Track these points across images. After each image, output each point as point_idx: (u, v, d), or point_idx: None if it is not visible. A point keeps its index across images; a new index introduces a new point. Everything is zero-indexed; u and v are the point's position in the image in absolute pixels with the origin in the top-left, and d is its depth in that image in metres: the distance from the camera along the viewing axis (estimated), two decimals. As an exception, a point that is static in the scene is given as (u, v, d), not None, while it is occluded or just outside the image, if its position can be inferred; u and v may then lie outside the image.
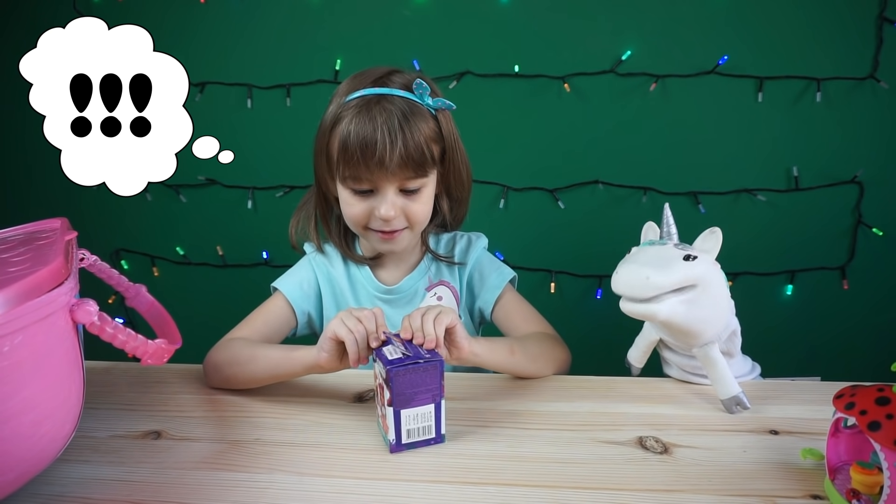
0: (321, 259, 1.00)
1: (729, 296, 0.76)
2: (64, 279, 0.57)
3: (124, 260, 1.82)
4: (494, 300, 0.97)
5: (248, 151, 1.69)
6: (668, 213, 0.78)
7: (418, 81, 0.85)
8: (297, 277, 0.99)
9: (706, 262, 0.72)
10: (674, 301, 0.70)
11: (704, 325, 0.73)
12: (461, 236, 1.02)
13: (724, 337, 0.77)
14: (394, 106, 0.83)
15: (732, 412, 0.75)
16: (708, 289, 0.71)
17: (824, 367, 1.62)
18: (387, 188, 0.85)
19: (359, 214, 0.88)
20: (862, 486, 0.56)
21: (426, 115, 0.86)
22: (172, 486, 0.63)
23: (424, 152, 0.84)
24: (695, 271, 0.70)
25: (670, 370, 0.85)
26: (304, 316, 0.98)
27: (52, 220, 0.78)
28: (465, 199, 0.99)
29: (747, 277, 1.57)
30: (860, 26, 1.46)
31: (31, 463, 0.57)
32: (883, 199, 1.53)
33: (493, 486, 0.62)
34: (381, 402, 0.70)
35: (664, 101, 1.55)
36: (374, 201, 0.86)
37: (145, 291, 0.85)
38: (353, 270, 0.99)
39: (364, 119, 0.82)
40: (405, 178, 0.85)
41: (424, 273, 0.99)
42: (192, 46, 1.66)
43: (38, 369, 0.54)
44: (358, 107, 0.84)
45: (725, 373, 0.75)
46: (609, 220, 1.62)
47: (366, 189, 0.86)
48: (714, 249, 0.73)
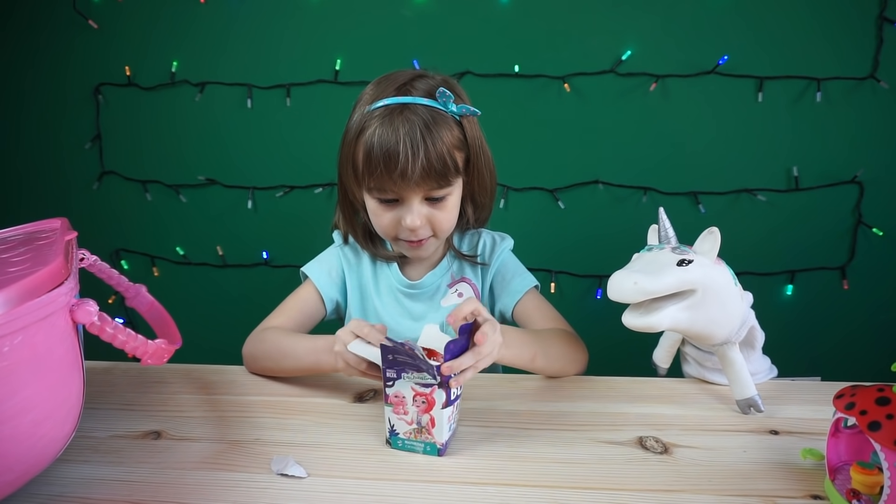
0: (348, 250, 1.02)
1: (739, 291, 0.74)
2: (64, 279, 0.56)
3: (124, 260, 1.82)
4: (514, 304, 0.97)
5: (248, 151, 1.70)
6: (664, 217, 0.77)
7: (441, 90, 0.84)
8: (326, 265, 1.02)
9: (703, 266, 0.70)
10: (672, 310, 0.69)
11: (714, 326, 0.72)
12: (486, 234, 1.02)
13: (743, 334, 0.76)
14: (416, 116, 0.82)
15: (745, 413, 0.75)
16: (710, 291, 0.70)
17: (824, 367, 1.62)
18: (412, 198, 0.85)
19: (387, 225, 0.89)
20: (862, 486, 0.56)
21: (450, 122, 0.85)
22: (172, 486, 0.63)
23: (447, 162, 0.83)
24: (690, 276, 0.68)
25: (689, 367, 0.85)
26: (332, 303, 1.00)
27: (52, 220, 0.78)
28: (490, 203, 0.99)
29: (747, 277, 1.57)
30: (860, 26, 1.46)
31: (31, 463, 0.57)
32: (883, 199, 1.53)
33: (492, 486, 0.62)
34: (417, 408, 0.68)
35: (664, 101, 1.55)
36: (401, 211, 0.87)
37: (145, 291, 0.85)
38: (378, 264, 1.01)
39: (387, 130, 0.82)
40: (429, 188, 0.85)
41: (447, 270, 1.00)
42: (192, 46, 1.66)
43: (38, 369, 0.53)
44: (381, 117, 0.83)
45: (743, 374, 0.75)
46: (609, 220, 1.62)
47: (391, 199, 0.86)
48: (712, 251, 0.71)
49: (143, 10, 1.64)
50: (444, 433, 0.67)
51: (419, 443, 0.69)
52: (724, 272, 0.72)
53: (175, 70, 1.67)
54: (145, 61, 1.68)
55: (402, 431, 0.69)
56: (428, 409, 0.67)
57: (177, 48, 1.67)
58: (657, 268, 0.69)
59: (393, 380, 0.67)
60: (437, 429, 0.67)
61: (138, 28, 1.65)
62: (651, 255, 0.73)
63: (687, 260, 0.69)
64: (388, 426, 0.70)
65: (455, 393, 0.68)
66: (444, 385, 0.66)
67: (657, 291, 0.68)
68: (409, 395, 0.68)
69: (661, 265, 0.69)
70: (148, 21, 1.65)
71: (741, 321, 0.75)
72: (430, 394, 0.67)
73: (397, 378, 0.67)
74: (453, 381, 0.66)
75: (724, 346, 0.75)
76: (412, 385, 0.67)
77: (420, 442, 0.69)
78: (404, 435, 0.69)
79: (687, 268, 0.69)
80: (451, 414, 0.68)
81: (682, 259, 0.69)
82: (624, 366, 0.88)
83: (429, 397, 0.67)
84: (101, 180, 1.77)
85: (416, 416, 0.68)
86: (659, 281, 0.67)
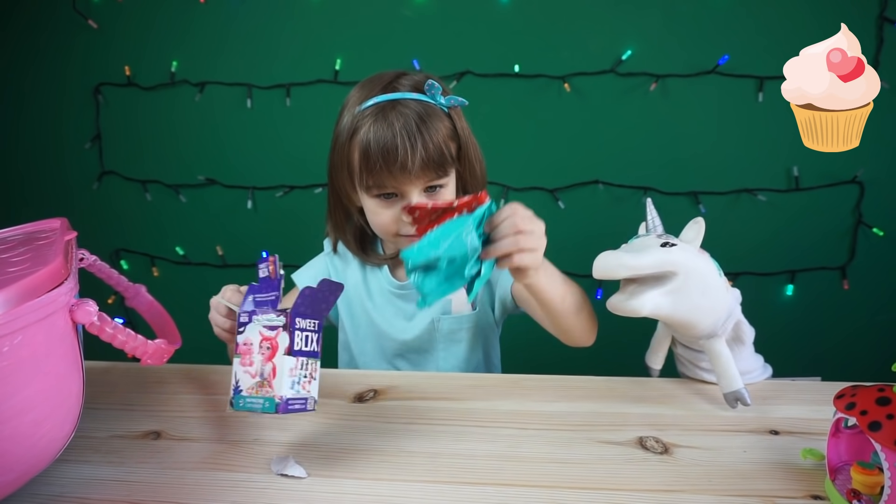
0: (336, 259, 1.04)
1: (725, 285, 0.76)
2: (63, 279, 0.56)
3: (124, 260, 1.82)
4: (511, 284, 0.96)
5: (248, 151, 1.70)
6: (651, 207, 0.80)
7: (430, 82, 0.85)
8: (314, 271, 1.04)
9: (686, 250, 0.72)
10: (654, 294, 0.71)
11: (698, 313, 0.73)
12: None
13: (729, 327, 0.77)
14: (409, 109, 0.84)
15: (733, 407, 0.75)
16: (692, 276, 0.71)
17: (825, 367, 1.62)
18: (412, 191, 0.86)
19: (387, 222, 0.88)
20: (862, 486, 0.56)
21: (440, 114, 0.86)
22: (172, 486, 0.63)
23: (444, 152, 0.84)
24: (671, 257, 0.70)
25: (682, 367, 0.86)
26: None
27: (51, 220, 0.78)
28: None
29: (747, 277, 1.57)
30: (860, 26, 1.46)
31: (31, 463, 0.57)
32: (883, 199, 1.53)
33: (491, 486, 0.62)
34: (262, 355, 0.64)
35: (664, 101, 1.55)
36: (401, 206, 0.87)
37: (145, 291, 0.85)
38: (368, 267, 1.02)
39: (382, 126, 0.83)
40: (428, 179, 0.86)
41: None
42: (192, 46, 1.66)
43: (37, 369, 0.53)
44: (374, 115, 0.84)
45: (730, 367, 0.75)
46: (609, 220, 1.62)
47: (390, 193, 0.87)
48: (696, 239, 0.74)
49: (143, 10, 1.64)
50: (283, 385, 0.62)
51: (259, 399, 0.64)
52: (708, 261, 0.74)
53: (175, 70, 1.67)
54: (145, 61, 1.68)
55: (245, 387, 0.65)
56: (272, 355, 0.63)
57: (176, 48, 1.67)
58: (640, 248, 0.72)
59: (244, 325, 0.65)
60: (276, 379, 0.62)
61: (138, 28, 1.65)
62: (638, 241, 0.76)
63: (670, 243, 0.72)
64: (233, 383, 0.66)
65: (309, 346, 0.64)
66: (290, 328, 0.63)
67: (639, 267, 0.70)
68: (256, 340, 0.64)
69: (645, 246, 0.72)
70: (148, 21, 1.65)
71: (726, 313, 0.76)
72: (275, 337, 0.63)
73: (248, 322, 0.65)
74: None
75: (710, 340, 0.76)
76: (260, 329, 0.64)
77: (260, 398, 0.63)
78: (247, 391, 0.64)
79: (669, 249, 0.71)
80: (295, 366, 0.63)
81: (665, 241, 0.72)
82: (624, 366, 0.88)
83: (273, 341, 0.63)
84: (100, 180, 1.77)
85: (260, 367, 0.64)
86: (641, 258, 0.70)
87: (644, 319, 0.89)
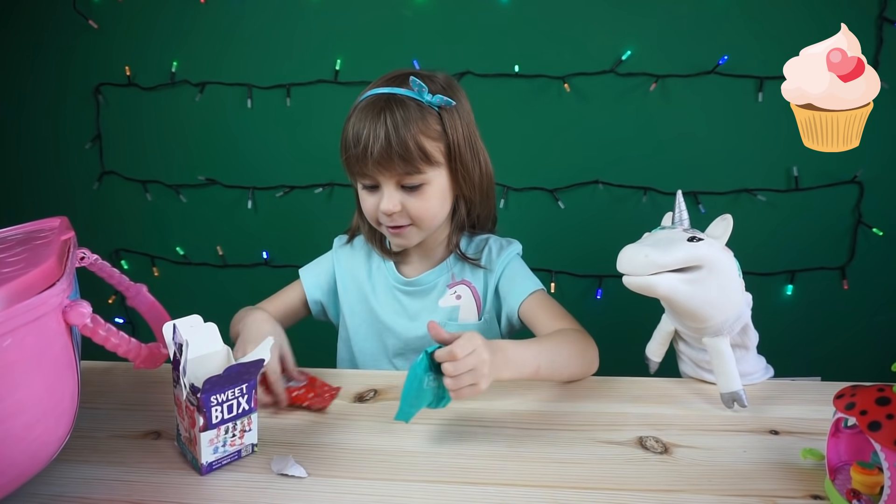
0: (344, 252, 1.05)
1: (742, 287, 0.76)
2: (56, 280, 0.55)
3: (124, 260, 1.82)
4: (519, 304, 0.95)
5: (248, 151, 1.69)
6: (681, 199, 0.81)
7: (412, 79, 0.88)
8: (318, 269, 1.06)
9: (713, 246, 0.72)
10: (674, 278, 0.71)
11: (711, 307, 0.73)
12: (494, 241, 1.02)
13: (736, 329, 0.77)
14: (388, 103, 0.86)
15: (729, 407, 0.75)
16: (714, 271, 0.72)
17: (824, 367, 1.62)
18: (387, 183, 0.89)
19: (370, 210, 0.92)
20: (862, 486, 0.56)
21: (424, 111, 0.87)
22: (172, 486, 0.63)
23: (410, 147, 0.85)
24: (698, 251, 0.71)
25: (684, 366, 0.86)
26: (317, 305, 1.05)
27: (51, 220, 0.78)
28: (481, 201, 0.98)
29: (747, 277, 1.56)
30: (860, 26, 1.45)
31: (24, 466, 0.55)
32: (883, 199, 1.53)
33: (492, 486, 0.62)
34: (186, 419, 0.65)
35: (664, 101, 1.54)
36: (379, 196, 0.90)
37: (146, 291, 0.85)
38: (375, 263, 1.03)
39: (360, 116, 0.88)
40: (398, 173, 0.87)
41: (446, 270, 1.00)
42: (192, 46, 1.66)
43: (29, 372, 0.52)
44: (363, 106, 0.89)
45: (731, 368, 0.75)
46: (609, 220, 1.61)
47: (369, 184, 0.90)
48: (724, 236, 0.74)
49: (143, 10, 1.64)
50: (204, 454, 0.64)
51: (189, 452, 0.66)
52: (731, 259, 0.75)
53: (175, 70, 1.67)
54: (145, 61, 1.68)
55: (182, 434, 0.67)
56: (192, 424, 0.64)
57: (177, 48, 1.67)
58: (668, 243, 0.72)
59: (178, 377, 0.64)
60: (198, 447, 0.63)
61: (138, 28, 1.65)
62: (663, 233, 0.76)
63: (697, 237, 0.72)
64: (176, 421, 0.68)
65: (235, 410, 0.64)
66: (203, 409, 0.62)
67: (667, 264, 0.70)
68: (182, 402, 0.64)
69: (672, 241, 0.72)
70: (148, 21, 1.65)
71: (737, 313, 0.76)
72: (193, 413, 0.63)
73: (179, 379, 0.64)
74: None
75: (714, 338, 0.76)
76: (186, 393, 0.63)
77: (190, 452, 0.66)
78: (184, 439, 0.67)
79: (696, 244, 0.71)
80: (216, 436, 0.64)
81: (692, 236, 0.72)
82: (624, 366, 0.88)
83: (193, 414, 0.63)
84: (101, 180, 1.77)
85: (188, 427, 0.65)
86: (669, 254, 0.70)
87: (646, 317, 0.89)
